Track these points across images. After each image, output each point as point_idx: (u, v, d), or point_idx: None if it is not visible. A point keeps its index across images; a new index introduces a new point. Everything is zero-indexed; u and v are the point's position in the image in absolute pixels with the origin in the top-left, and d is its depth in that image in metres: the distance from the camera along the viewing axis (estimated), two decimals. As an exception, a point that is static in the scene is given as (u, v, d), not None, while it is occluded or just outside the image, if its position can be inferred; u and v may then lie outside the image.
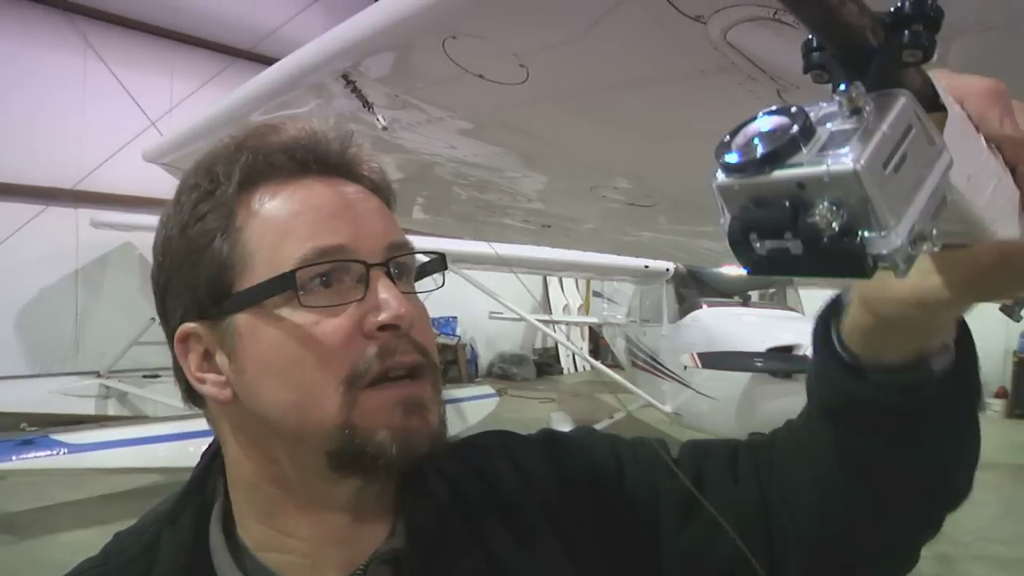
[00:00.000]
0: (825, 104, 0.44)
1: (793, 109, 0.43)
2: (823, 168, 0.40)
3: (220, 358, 0.73)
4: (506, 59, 1.28)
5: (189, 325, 0.73)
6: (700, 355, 6.67)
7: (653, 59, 1.18)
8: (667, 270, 8.83)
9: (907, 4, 0.43)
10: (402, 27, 1.27)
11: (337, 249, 0.70)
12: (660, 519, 0.83)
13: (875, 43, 0.43)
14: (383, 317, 0.69)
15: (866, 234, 0.41)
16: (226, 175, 0.72)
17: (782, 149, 0.42)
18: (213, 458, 0.82)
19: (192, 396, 0.77)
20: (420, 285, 0.80)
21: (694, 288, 8.88)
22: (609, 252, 6.07)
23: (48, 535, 6.04)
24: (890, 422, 0.67)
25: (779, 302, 9.07)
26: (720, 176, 0.44)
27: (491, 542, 0.79)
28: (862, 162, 0.40)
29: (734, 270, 8.70)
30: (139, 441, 6.24)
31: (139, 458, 6.13)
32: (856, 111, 0.42)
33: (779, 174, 0.42)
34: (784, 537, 0.79)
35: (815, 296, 9.78)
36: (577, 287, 17.56)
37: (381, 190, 0.79)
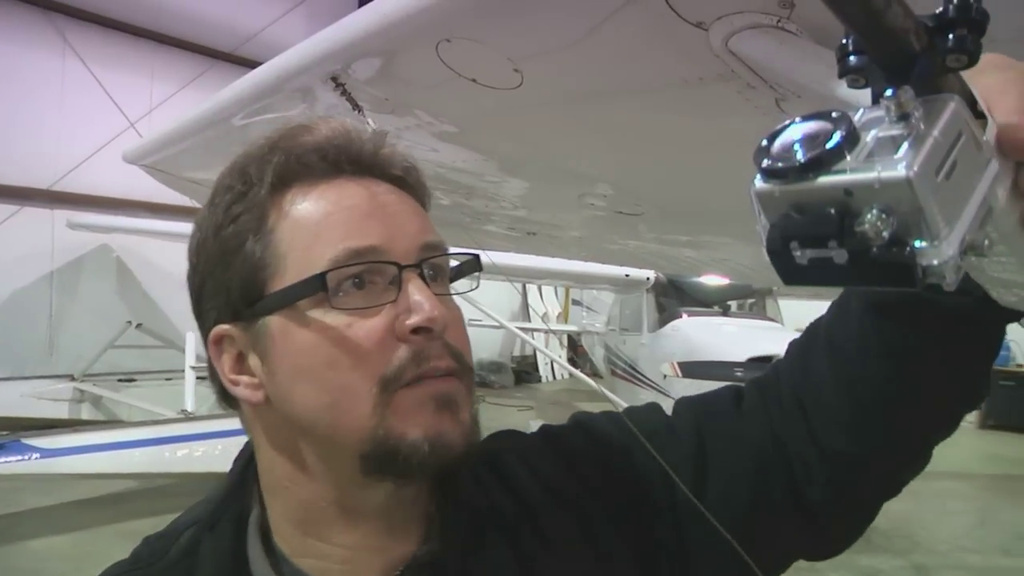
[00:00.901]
0: (865, 110, 0.43)
1: (835, 114, 0.42)
2: (873, 175, 0.39)
3: (253, 360, 0.73)
4: (501, 64, 1.27)
5: (223, 327, 0.73)
6: (680, 364, 6.70)
7: (651, 66, 1.17)
8: (648, 279, 8.85)
9: (951, 7, 0.42)
10: (396, 30, 1.25)
11: (369, 250, 0.70)
12: (675, 489, 0.83)
13: (918, 47, 0.42)
14: (415, 320, 0.69)
15: (917, 244, 0.39)
16: (259, 176, 0.72)
17: (826, 155, 0.40)
18: (248, 464, 0.81)
19: (227, 398, 0.77)
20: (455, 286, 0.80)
21: (674, 297, 8.92)
22: (594, 260, 6.08)
23: (19, 542, 5.95)
24: (943, 320, 0.69)
25: (759, 312, 9.12)
26: (759, 182, 0.43)
27: (522, 546, 0.78)
28: (915, 169, 0.38)
29: (714, 279, 8.75)
30: (114, 446, 6.17)
31: (114, 463, 6.07)
32: (904, 116, 0.40)
33: (825, 180, 0.40)
34: (806, 461, 0.80)
35: (794, 307, 9.86)
36: (556, 295, 17.58)
37: (415, 190, 0.79)
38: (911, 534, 6.84)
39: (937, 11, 0.42)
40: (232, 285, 0.72)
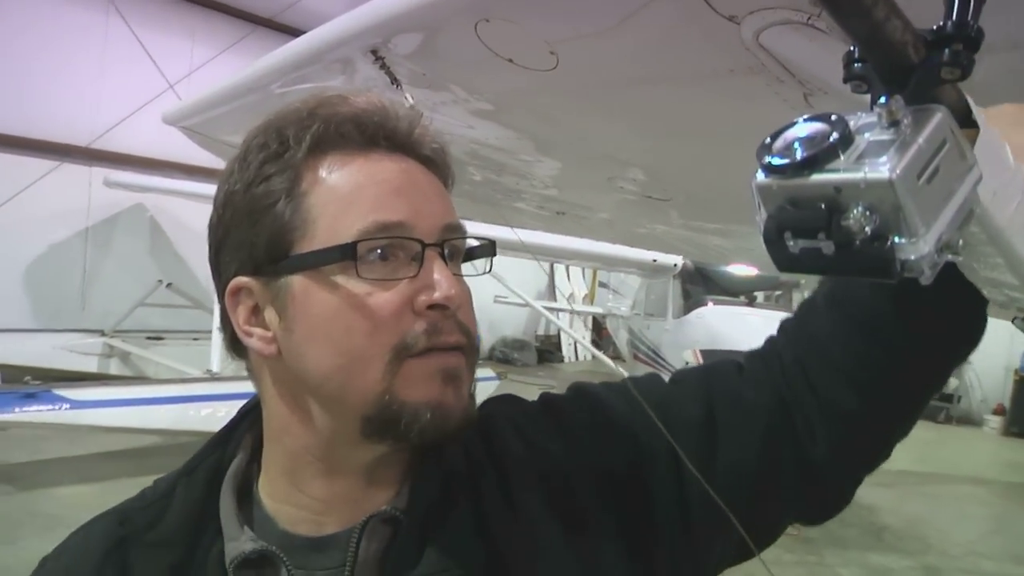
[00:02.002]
0: (863, 114, 0.46)
1: (833, 117, 0.45)
2: (860, 175, 0.43)
3: (270, 315, 0.76)
4: (538, 45, 1.29)
5: (242, 279, 0.76)
6: (703, 352, 6.68)
7: (683, 56, 1.19)
8: (675, 265, 8.84)
9: (949, 24, 0.45)
10: (438, 6, 1.28)
11: (397, 225, 0.73)
12: (679, 459, 0.84)
13: (916, 59, 0.45)
14: (435, 296, 0.72)
15: (896, 240, 0.43)
16: (296, 139, 0.74)
17: (821, 154, 0.44)
18: (243, 416, 0.86)
19: (235, 347, 0.81)
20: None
21: (700, 285, 8.90)
22: (621, 243, 6.07)
23: (45, 488, 6.12)
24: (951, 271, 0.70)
25: (785, 304, 9.07)
26: (760, 176, 0.47)
27: (486, 508, 0.81)
28: (897, 172, 0.42)
29: (742, 269, 8.72)
30: (140, 402, 6.28)
31: (139, 418, 6.18)
32: (894, 123, 0.44)
33: (817, 178, 0.44)
34: (808, 420, 0.83)
35: (821, 301, 9.79)
36: (584, 276, 17.56)
37: (442, 171, 0.81)
38: (924, 536, 6.82)
39: (936, 26, 0.46)
40: (258, 241, 0.74)
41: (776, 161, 0.46)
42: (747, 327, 7.51)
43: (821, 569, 5.03)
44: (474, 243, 0.83)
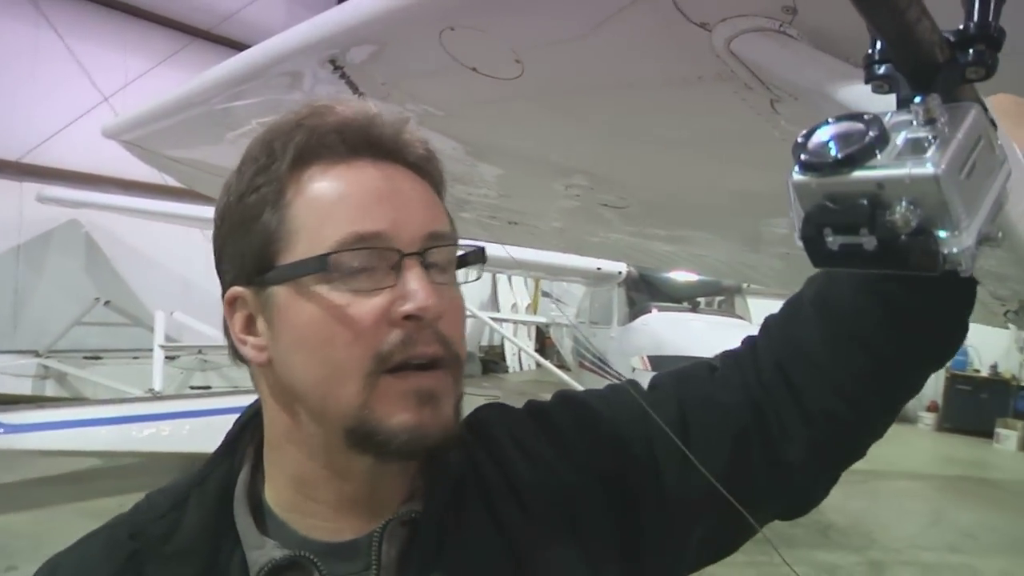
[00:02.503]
0: (893, 113, 0.47)
1: (867, 116, 0.46)
2: (905, 171, 0.44)
3: (260, 324, 0.77)
4: (503, 53, 1.29)
5: (237, 289, 0.78)
6: (649, 358, 6.75)
7: (653, 63, 1.20)
8: (619, 273, 8.91)
9: (972, 25, 0.46)
10: (403, 15, 1.27)
11: (374, 236, 0.73)
12: (659, 460, 0.88)
13: (941, 59, 0.46)
14: (407, 307, 0.72)
15: (941, 234, 0.44)
16: (281, 151, 0.75)
17: (859, 152, 0.45)
18: (245, 425, 0.87)
19: (236, 354, 0.82)
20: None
21: (644, 292, 8.99)
22: (573, 252, 6.11)
23: (-21, 518, 5.90)
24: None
25: (727, 310, 9.21)
26: (796, 174, 0.47)
27: (500, 512, 0.83)
28: (943, 167, 0.43)
29: (683, 275, 8.83)
30: (78, 423, 6.10)
31: (79, 441, 6.01)
32: (931, 121, 0.45)
33: (859, 175, 0.45)
34: (783, 421, 0.86)
35: (763, 305, 9.96)
36: (526, 286, 17.61)
37: (432, 177, 0.82)
38: (868, 531, 7.00)
39: (959, 27, 0.47)
40: (247, 251, 0.77)
41: (813, 159, 0.47)
42: (691, 332, 7.63)
43: (772, 568, 5.10)
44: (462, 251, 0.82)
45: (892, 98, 0.50)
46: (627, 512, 0.87)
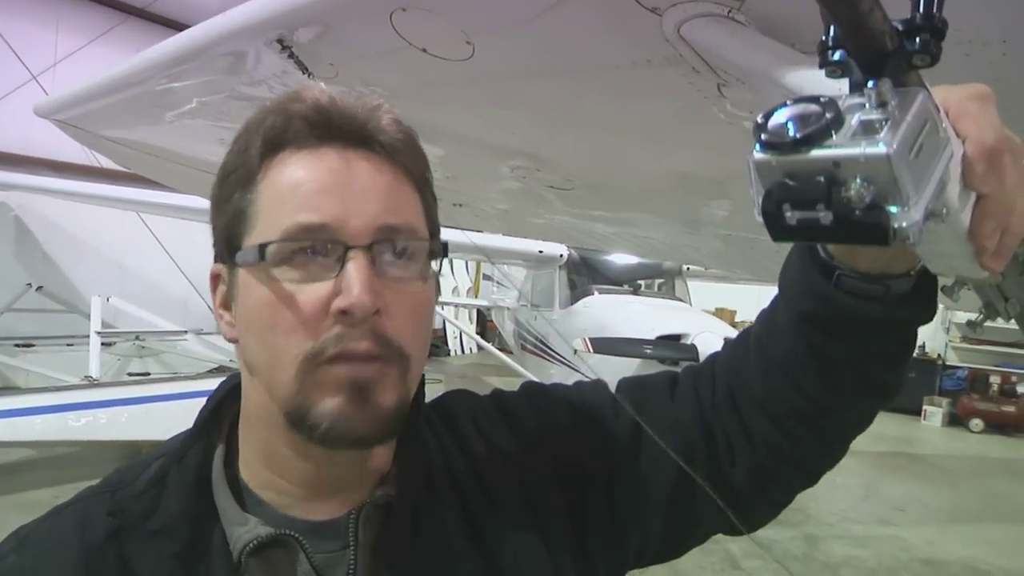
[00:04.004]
0: (846, 96, 0.51)
1: (823, 99, 0.50)
2: (859, 150, 0.47)
3: (231, 302, 0.80)
4: (454, 35, 1.30)
5: (218, 266, 0.81)
6: (591, 340, 6.82)
7: (603, 46, 1.21)
8: (561, 256, 8.95)
9: (918, 16, 0.50)
10: (355, -5, 1.27)
11: (319, 227, 0.73)
12: (613, 457, 0.92)
13: (891, 47, 0.50)
14: (337, 303, 0.72)
15: (891, 209, 0.47)
16: (254, 137, 0.77)
17: (817, 132, 0.48)
18: (221, 401, 0.87)
19: None
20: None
21: (586, 275, 9.05)
22: (516, 234, 6.13)
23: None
24: (860, 328, 0.76)
25: (668, 292, 9.34)
26: (757, 152, 0.50)
27: (468, 500, 0.86)
28: (893, 147, 0.47)
29: (624, 258, 8.92)
30: (9, 413, 5.87)
31: (11, 431, 5.79)
32: (882, 104, 0.48)
33: (817, 153, 0.48)
34: (731, 444, 0.89)
35: (701, 288, 10.13)
36: (467, 269, 17.59)
37: (406, 164, 0.80)
38: (804, 507, 7.19)
39: (905, 18, 0.51)
40: (223, 232, 0.79)
41: (773, 139, 0.49)
42: (632, 315, 7.72)
43: (711, 545, 5.22)
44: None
45: (839, 83, 0.54)
46: (579, 503, 0.91)
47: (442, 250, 0.81)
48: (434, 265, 0.81)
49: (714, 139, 1.47)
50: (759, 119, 0.51)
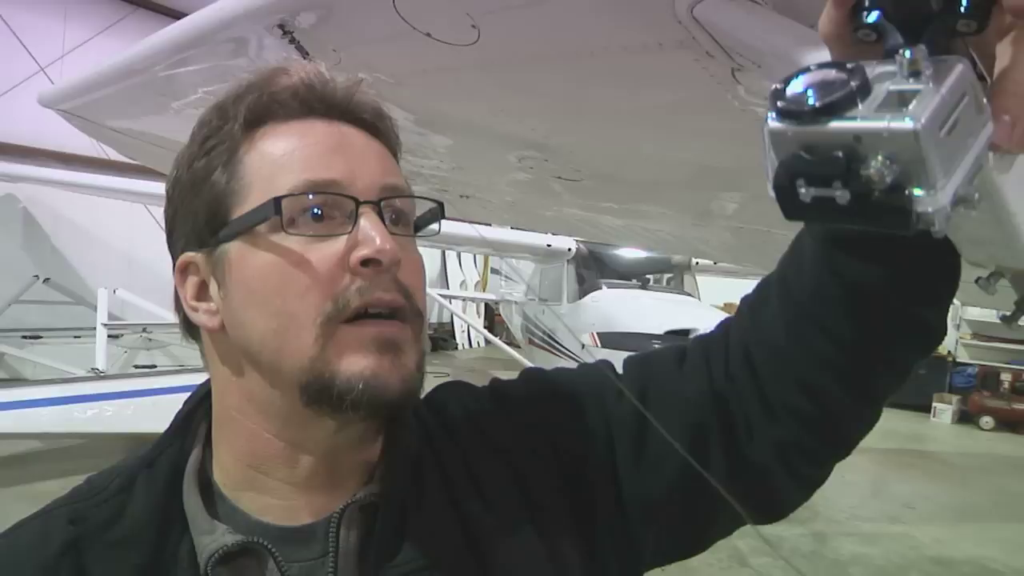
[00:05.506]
0: (877, 63, 0.46)
1: (850, 65, 0.45)
2: (883, 124, 0.42)
3: (212, 287, 0.76)
4: (459, 18, 1.26)
5: (189, 254, 0.76)
6: (599, 335, 6.79)
7: (613, 29, 1.17)
8: (569, 250, 8.93)
9: None
10: (357, -23, 1.23)
11: (329, 183, 0.72)
12: (615, 446, 0.85)
13: (935, 8, 0.45)
14: (364, 252, 0.70)
15: (915, 192, 0.42)
16: (234, 112, 0.75)
17: (839, 102, 0.43)
18: (198, 404, 0.84)
19: (189, 329, 0.80)
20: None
21: (594, 269, 9.03)
22: (524, 227, 6.10)
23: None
24: (895, 249, 0.65)
25: (676, 287, 9.30)
26: (772, 121, 0.46)
27: (458, 494, 0.81)
28: (922, 122, 0.41)
29: (633, 252, 8.89)
30: (17, 404, 5.92)
31: (18, 423, 5.82)
32: (915, 74, 0.43)
33: (836, 125, 0.43)
34: (747, 416, 0.79)
35: (711, 283, 10.08)
36: (475, 263, 17.59)
37: (386, 136, 0.81)
38: (812, 504, 7.10)
39: None
40: (199, 213, 0.75)
41: (791, 106, 0.45)
42: (641, 309, 7.69)
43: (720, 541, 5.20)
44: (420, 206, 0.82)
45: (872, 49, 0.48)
46: (582, 493, 0.85)
47: (441, 212, 0.82)
48: (435, 226, 0.82)
49: (727, 127, 1.42)
50: (777, 84, 0.47)
